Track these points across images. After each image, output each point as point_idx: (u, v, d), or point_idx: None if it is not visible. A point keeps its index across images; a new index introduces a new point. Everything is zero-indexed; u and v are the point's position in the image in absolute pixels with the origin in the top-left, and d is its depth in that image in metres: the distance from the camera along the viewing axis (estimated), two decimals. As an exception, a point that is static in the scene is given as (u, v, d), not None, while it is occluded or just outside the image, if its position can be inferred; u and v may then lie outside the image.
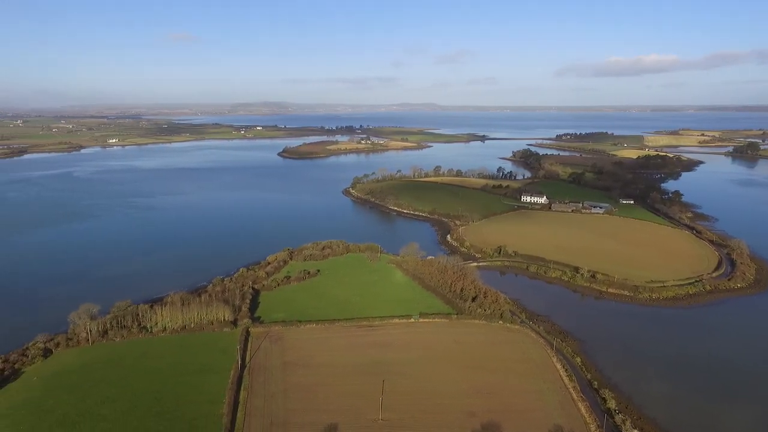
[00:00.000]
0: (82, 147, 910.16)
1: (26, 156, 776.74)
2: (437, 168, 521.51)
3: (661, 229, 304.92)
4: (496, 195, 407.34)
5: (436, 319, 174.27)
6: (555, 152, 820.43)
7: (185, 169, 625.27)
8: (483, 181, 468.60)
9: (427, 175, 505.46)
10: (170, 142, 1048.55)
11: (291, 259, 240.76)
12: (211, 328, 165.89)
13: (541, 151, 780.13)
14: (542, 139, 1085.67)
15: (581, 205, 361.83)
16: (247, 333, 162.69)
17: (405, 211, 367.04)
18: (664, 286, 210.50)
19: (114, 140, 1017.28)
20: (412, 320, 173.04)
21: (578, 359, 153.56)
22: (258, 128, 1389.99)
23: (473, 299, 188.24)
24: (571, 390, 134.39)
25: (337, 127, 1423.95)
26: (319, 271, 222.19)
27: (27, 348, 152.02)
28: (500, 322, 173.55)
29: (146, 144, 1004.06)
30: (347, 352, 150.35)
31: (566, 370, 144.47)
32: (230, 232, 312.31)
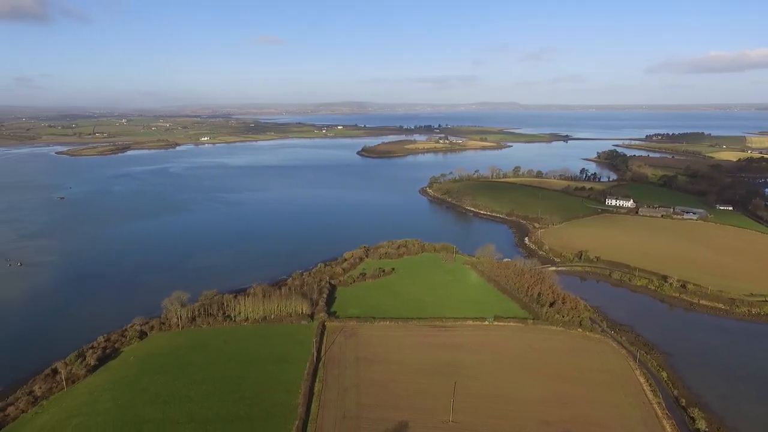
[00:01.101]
0: (177, 144, 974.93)
1: (129, 152, 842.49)
2: (516, 168, 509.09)
3: (764, 239, 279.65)
4: (579, 197, 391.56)
5: (511, 323, 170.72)
6: (644, 153, 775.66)
7: (270, 166, 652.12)
8: (564, 183, 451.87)
9: (505, 176, 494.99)
10: (256, 141, 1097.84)
11: (367, 256, 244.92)
12: (289, 320, 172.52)
13: (629, 152, 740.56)
14: (630, 139, 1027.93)
15: (672, 210, 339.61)
16: (323, 327, 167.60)
17: (482, 211, 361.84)
18: (766, 301, 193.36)
19: (206, 138, 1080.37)
20: (486, 323, 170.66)
21: (664, 374, 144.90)
22: (339, 127, 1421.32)
23: (551, 305, 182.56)
24: (656, 406, 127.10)
25: (415, 127, 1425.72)
26: (393, 269, 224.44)
27: (126, 330, 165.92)
28: (579, 329, 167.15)
29: (235, 142, 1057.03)
30: (419, 351, 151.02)
31: (650, 384, 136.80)
32: (310, 227, 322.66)
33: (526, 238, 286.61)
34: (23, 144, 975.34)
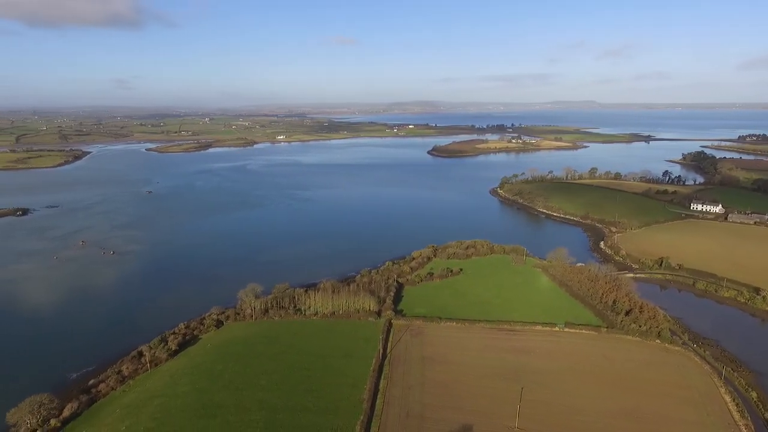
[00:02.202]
0: (255, 142, 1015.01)
1: (210, 150, 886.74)
2: (593, 170, 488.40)
3: None
4: (660, 201, 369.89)
5: (583, 331, 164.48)
6: (735, 155, 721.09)
7: (341, 164, 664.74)
8: (645, 185, 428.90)
9: (581, 177, 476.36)
10: (329, 139, 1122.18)
11: (435, 256, 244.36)
12: (357, 316, 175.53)
13: (718, 154, 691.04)
14: (720, 140, 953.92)
15: (767, 217, 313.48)
16: (390, 324, 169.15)
17: (555, 214, 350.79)
18: None
19: (282, 137, 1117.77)
20: (557, 329, 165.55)
21: (754, 394, 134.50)
22: (410, 126, 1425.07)
23: (627, 313, 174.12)
24: (743, 428, 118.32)
25: (487, 126, 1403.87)
26: (461, 269, 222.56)
27: (204, 318, 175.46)
28: (657, 341, 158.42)
29: (309, 141, 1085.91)
30: (485, 353, 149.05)
31: (737, 404, 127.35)
32: (379, 225, 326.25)
33: (602, 243, 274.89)
34: (118, 141, 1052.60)
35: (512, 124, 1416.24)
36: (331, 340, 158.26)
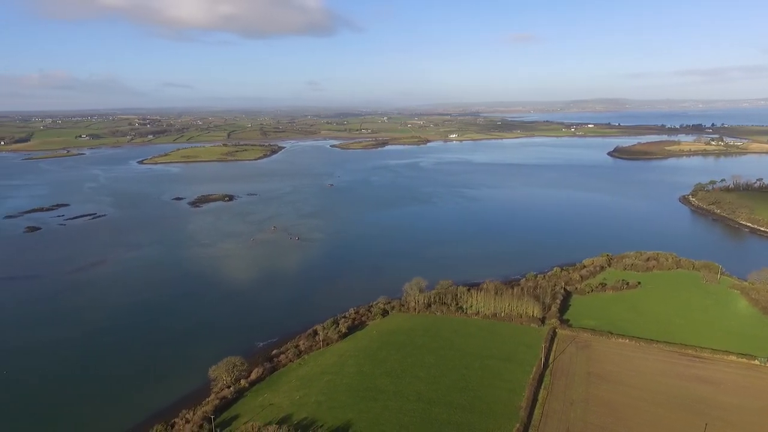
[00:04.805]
0: (428, 141, 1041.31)
1: (387, 147, 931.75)
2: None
3: None
4: None
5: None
6: None
7: (512, 164, 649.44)
8: None
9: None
10: (502, 138, 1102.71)
11: (609, 265, 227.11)
12: (519, 320, 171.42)
13: None
14: None
15: None
16: (554, 333, 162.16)
17: (762, 228, 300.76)
18: None
19: (454, 135, 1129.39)
20: (756, 362, 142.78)
21: None
22: (589, 126, 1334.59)
23: None
24: None
25: (680, 126, 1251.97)
26: (639, 283, 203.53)
27: (371, 306, 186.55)
28: None
29: (480, 139, 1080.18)
30: (662, 378, 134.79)
31: None
32: (547, 229, 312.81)
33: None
34: (307, 138, 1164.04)
35: (712, 124, 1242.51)
36: (491, 341, 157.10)
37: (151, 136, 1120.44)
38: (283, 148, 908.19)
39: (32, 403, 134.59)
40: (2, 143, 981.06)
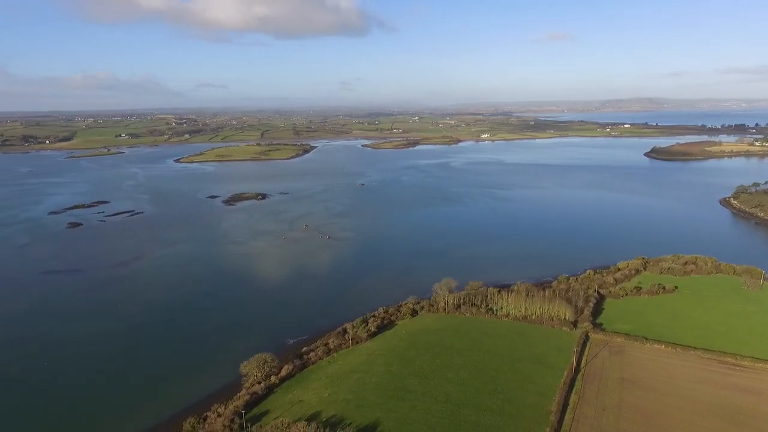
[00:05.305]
0: (459, 140, 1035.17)
1: (418, 147, 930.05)
2: None
3: None
4: None
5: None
6: None
7: (544, 164, 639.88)
8: None
9: None
10: (534, 138, 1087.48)
11: (644, 269, 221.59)
12: (550, 323, 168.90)
13: None
14: None
15: None
16: (586, 337, 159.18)
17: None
18: None
19: (485, 135, 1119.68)
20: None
21: None
22: (625, 126, 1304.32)
23: None
24: None
25: (722, 126, 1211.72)
26: (676, 287, 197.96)
27: (401, 305, 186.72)
28: None
29: (513, 139, 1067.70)
30: (699, 386, 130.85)
31: None
32: (580, 230, 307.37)
33: None
34: (339, 137, 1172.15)
35: (756, 124, 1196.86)
36: (521, 344, 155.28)
37: (187, 136, 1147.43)
38: (315, 147, 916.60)
39: (71, 394, 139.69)
40: (47, 142, 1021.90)
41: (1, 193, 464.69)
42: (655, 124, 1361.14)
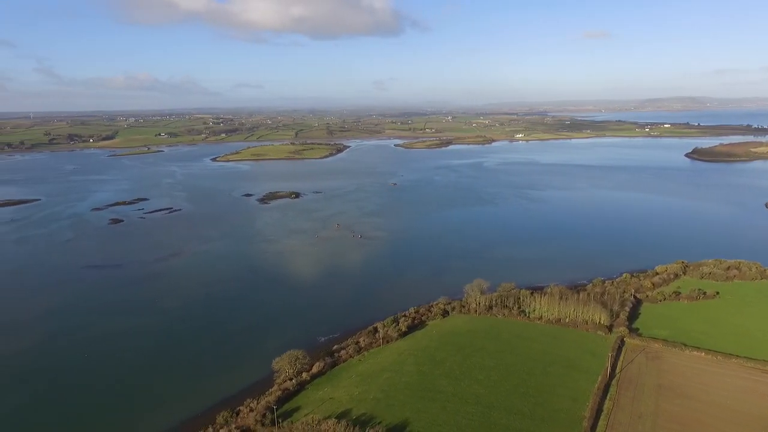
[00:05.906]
0: (493, 140, 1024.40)
1: (451, 147, 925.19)
2: None
3: None
4: None
5: None
6: None
7: (580, 165, 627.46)
8: None
9: None
10: (570, 138, 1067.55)
11: (684, 273, 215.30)
12: (584, 327, 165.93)
13: None
14: None
15: None
16: (622, 342, 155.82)
17: None
18: None
19: (520, 135, 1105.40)
20: None
21: None
22: (665, 125, 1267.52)
23: None
24: None
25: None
26: (718, 293, 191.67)
27: (432, 306, 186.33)
28: None
29: (548, 139, 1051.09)
30: (740, 395, 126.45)
31: None
32: (617, 233, 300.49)
33: None
34: (372, 137, 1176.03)
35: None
36: (554, 347, 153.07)
37: (223, 135, 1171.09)
38: (348, 147, 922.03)
39: (110, 384, 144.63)
40: (91, 140, 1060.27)
41: (50, 189, 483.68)
42: (697, 123, 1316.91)
